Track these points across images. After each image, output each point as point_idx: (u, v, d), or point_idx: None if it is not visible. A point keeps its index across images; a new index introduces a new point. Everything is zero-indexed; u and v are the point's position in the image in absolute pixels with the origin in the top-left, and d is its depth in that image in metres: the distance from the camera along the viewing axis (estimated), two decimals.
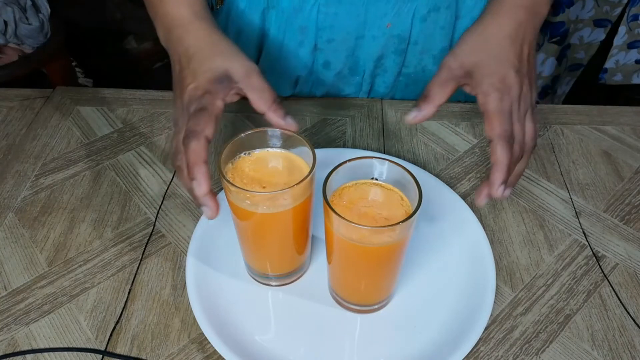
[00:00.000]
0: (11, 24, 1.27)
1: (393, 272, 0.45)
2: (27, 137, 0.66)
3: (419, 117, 0.46)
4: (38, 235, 0.55)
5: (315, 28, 0.65)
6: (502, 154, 0.42)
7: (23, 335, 0.47)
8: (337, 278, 0.47)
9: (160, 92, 0.73)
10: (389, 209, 0.41)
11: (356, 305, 0.47)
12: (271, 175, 0.43)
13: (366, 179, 0.43)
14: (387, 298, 0.48)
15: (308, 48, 0.68)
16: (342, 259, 0.43)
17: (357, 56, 0.69)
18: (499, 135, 0.42)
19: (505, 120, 0.43)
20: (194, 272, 0.49)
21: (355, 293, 0.47)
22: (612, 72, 1.18)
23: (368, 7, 0.63)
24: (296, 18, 0.65)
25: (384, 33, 0.66)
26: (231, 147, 0.42)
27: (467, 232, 0.53)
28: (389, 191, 0.42)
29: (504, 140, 0.42)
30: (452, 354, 0.43)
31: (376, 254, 0.41)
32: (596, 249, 0.54)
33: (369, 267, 0.43)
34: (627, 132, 0.68)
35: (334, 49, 0.68)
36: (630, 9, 1.08)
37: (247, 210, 0.41)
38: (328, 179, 0.40)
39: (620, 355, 0.46)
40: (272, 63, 0.70)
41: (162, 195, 0.59)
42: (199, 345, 0.46)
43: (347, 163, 0.41)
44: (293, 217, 0.43)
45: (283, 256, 0.48)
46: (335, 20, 0.64)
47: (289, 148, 0.44)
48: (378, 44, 0.67)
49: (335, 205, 0.40)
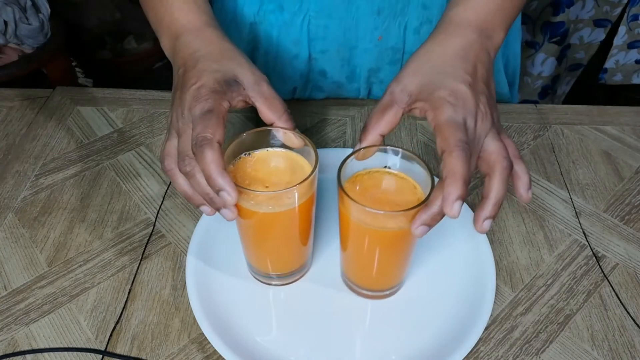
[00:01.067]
0: (11, 24, 1.27)
1: (405, 258, 0.45)
2: (27, 137, 0.66)
3: (360, 151, 0.42)
4: (38, 235, 0.55)
5: (308, 39, 0.65)
6: (457, 163, 0.35)
7: (23, 335, 0.47)
8: (350, 263, 0.48)
9: (160, 92, 0.73)
10: (402, 196, 0.42)
11: (368, 291, 0.48)
12: (273, 175, 0.43)
13: (379, 167, 0.43)
14: (397, 286, 0.49)
15: (303, 58, 0.67)
16: (355, 243, 0.44)
17: (354, 65, 0.68)
18: (452, 145, 0.36)
19: (460, 129, 0.37)
20: (194, 272, 0.49)
21: (367, 278, 0.47)
22: (612, 72, 1.18)
23: (358, 20, 0.63)
24: (288, 32, 0.65)
25: (376, 45, 0.65)
26: (232, 148, 0.42)
27: (467, 232, 0.53)
28: (401, 179, 0.43)
29: (459, 149, 0.36)
30: (452, 354, 0.43)
31: (389, 238, 0.41)
32: (596, 249, 0.54)
33: (381, 251, 0.43)
34: (627, 132, 0.68)
35: (328, 58, 0.67)
36: (630, 9, 1.08)
37: (252, 210, 0.41)
38: (342, 166, 0.40)
39: (620, 355, 0.46)
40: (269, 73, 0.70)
41: (162, 195, 0.59)
42: (199, 345, 0.46)
43: (361, 151, 0.42)
44: (298, 216, 0.43)
45: (286, 255, 0.48)
46: (326, 32, 0.64)
47: (290, 147, 0.44)
48: (371, 56, 0.67)
49: (349, 191, 0.40)
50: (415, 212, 0.38)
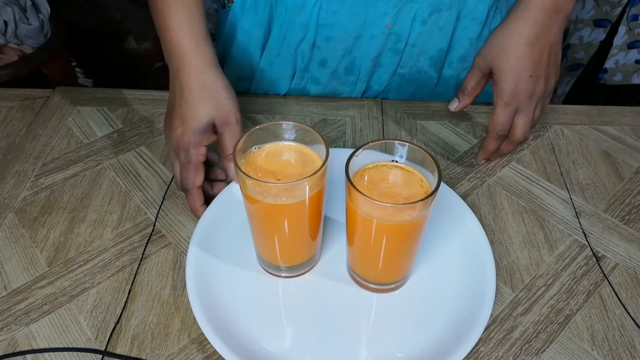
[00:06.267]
0: (11, 24, 1.27)
1: (410, 251, 0.46)
2: (27, 137, 0.66)
3: (459, 106, 0.60)
4: (38, 235, 0.55)
5: (316, 25, 0.66)
6: (489, 144, 0.59)
7: (23, 335, 0.47)
8: (356, 256, 0.48)
9: (160, 92, 0.73)
10: (409, 190, 0.42)
11: (373, 284, 0.48)
12: (285, 167, 0.44)
13: (386, 161, 0.44)
14: (402, 280, 0.49)
15: (307, 44, 0.68)
16: (362, 236, 0.44)
17: (354, 56, 0.69)
18: (492, 134, 0.58)
19: (502, 127, 0.57)
20: (194, 272, 0.49)
21: (373, 270, 0.48)
22: (612, 72, 1.19)
23: (368, 6, 0.63)
24: (298, 15, 0.65)
25: (382, 32, 0.66)
26: (243, 141, 0.43)
27: (467, 232, 0.53)
28: (408, 173, 0.43)
29: (494, 137, 0.58)
30: (452, 354, 0.43)
31: (396, 231, 0.42)
32: (596, 249, 0.54)
33: (387, 244, 0.43)
34: (627, 132, 0.68)
35: (331, 47, 0.68)
36: (630, 9, 1.08)
37: (264, 201, 0.42)
38: (350, 160, 0.41)
39: (620, 355, 0.46)
40: (272, 60, 0.71)
41: (162, 195, 0.59)
42: (199, 345, 0.46)
43: (369, 144, 0.42)
44: (309, 207, 0.44)
45: (296, 247, 0.49)
46: (335, 18, 0.65)
47: (299, 141, 0.45)
48: (376, 43, 0.67)
49: (357, 185, 0.40)
50: (422, 204, 0.38)
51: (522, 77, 0.55)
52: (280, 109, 0.71)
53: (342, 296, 0.49)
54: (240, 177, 0.41)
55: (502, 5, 0.68)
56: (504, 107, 0.56)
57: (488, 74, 0.57)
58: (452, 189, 0.57)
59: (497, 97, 0.56)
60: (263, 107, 0.71)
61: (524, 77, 0.55)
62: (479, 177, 0.62)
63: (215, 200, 0.55)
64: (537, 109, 0.58)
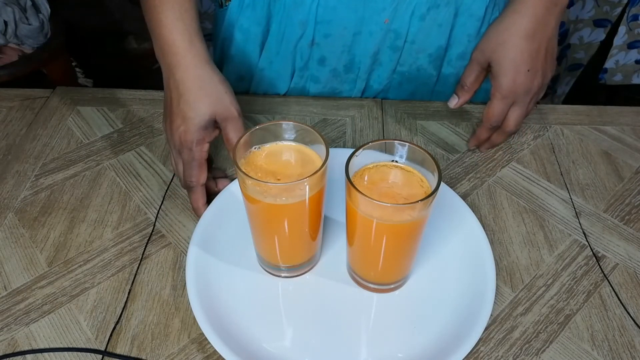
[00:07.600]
0: (11, 24, 1.27)
1: (410, 251, 0.46)
2: (27, 137, 0.66)
3: (459, 103, 0.60)
4: (38, 235, 0.55)
5: (314, 22, 0.66)
6: (481, 133, 0.61)
7: (23, 335, 0.47)
8: (356, 256, 0.48)
9: (160, 92, 0.72)
10: (409, 190, 0.42)
11: (373, 284, 0.48)
12: (285, 168, 0.44)
13: (386, 162, 0.44)
14: (402, 280, 0.49)
15: (306, 42, 0.68)
16: (362, 236, 0.44)
17: (353, 53, 0.69)
18: (486, 124, 0.59)
19: (497, 119, 0.58)
20: (194, 272, 0.49)
21: (373, 270, 0.48)
22: (612, 72, 1.19)
23: (366, 2, 0.64)
24: (297, 11, 0.65)
25: (381, 28, 0.66)
26: (243, 141, 0.43)
27: (467, 232, 0.53)
28: (408, 173, 0.43)
29: (487, 127, 0.60)
30: (452, 354, 0.43)
31: (396, 231, 0.42)
32: (596, 249, 0.54)
33: (387, 244, 0.43)
34: (627, 132, 0.68)
35: (330, 44, 0.68)
36: (630, 9, 1.08)
37: (264, 201, 0.42)
38: (350, 160, 0.41)
39: (620, 355, 0.46)
40: (271, 58, 0.71)
41: (162, 195, 0.59)
42: (199, 345, 0.46)
43: (369, 144, 0.42)
44: (309, 207, 0.44)
45: (296, 247, 0.49)
46: (334, 14, 0.65)
47: (299, 141, 0.45)
48: (374, 40, 0.67)
49: (357, 185, 0.40)
50: (422, 205, 0.38)
51: (520, 71, 0.55)
52: (280, 109, 0.71)
53: (342, 296, 0.49)
54: (240, 177, 0.42)
55: (500, 2, 0.68)
56: (500, 100, 0.56)
57: (486, 67, 0.57)
58: (452, 189, 0.57)
59: (495, 90, 0.56)
60: (263, 107, 0.71)
61: (522, 72, 0.55)
62: (479, 177, 0.62)
63: (215, 200, 0.55)
64: (531, 102, 0.58)
